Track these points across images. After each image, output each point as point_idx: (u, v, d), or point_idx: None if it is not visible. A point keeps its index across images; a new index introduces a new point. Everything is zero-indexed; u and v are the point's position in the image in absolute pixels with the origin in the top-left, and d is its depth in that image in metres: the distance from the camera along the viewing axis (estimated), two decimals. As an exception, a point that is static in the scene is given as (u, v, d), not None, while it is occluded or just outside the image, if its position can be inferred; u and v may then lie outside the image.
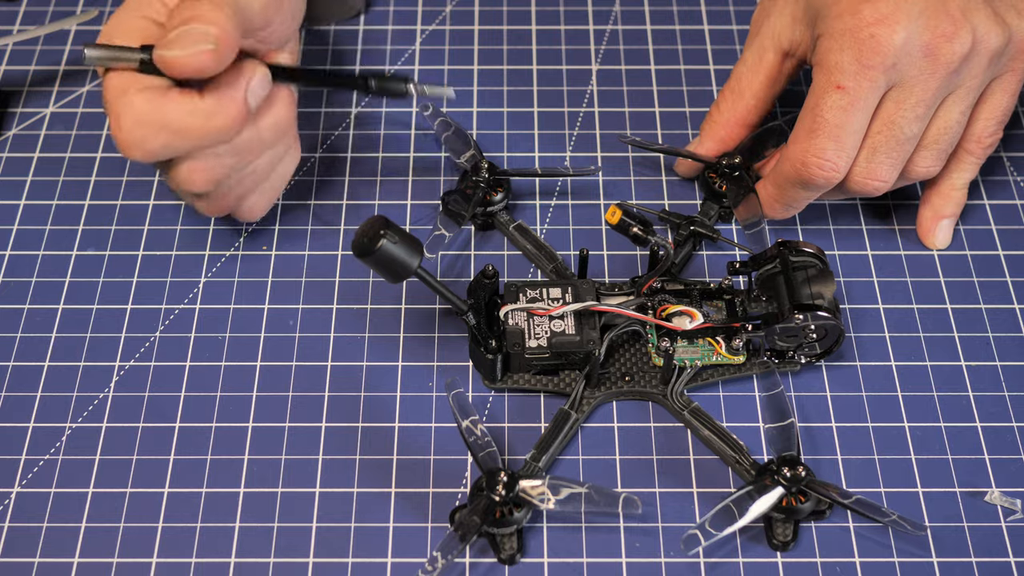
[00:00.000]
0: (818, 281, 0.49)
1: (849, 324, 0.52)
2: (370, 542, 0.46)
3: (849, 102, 0.49)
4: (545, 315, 0.49)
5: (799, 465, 0.45)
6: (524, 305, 0.50)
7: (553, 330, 0.49)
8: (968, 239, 0.56)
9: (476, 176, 0.54)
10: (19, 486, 0.48)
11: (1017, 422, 0.50)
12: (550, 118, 0.60)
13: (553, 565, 0.46)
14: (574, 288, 0.50)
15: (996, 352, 0.52)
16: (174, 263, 0.54)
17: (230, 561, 0.46)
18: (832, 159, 0.49)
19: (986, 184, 0.58)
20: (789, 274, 0.48)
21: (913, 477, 0.48)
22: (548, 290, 0.50)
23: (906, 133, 0.50)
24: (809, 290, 0.48)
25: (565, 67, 0.63)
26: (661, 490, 0.47)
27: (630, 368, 0.50)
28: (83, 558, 0.46)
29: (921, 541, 0.46)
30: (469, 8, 0.66)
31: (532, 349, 0.49)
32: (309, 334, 0.52)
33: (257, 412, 0.50)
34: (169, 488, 0.47)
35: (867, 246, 0.55)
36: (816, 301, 0.48)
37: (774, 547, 0.46)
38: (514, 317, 0.50)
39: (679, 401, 0.49)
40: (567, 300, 0.50)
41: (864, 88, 0.48)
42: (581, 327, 0.49)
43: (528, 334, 0.49)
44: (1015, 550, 0.46)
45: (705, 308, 0.50)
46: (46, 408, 0.50)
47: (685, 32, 0.65)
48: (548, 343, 0.49)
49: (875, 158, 0.50)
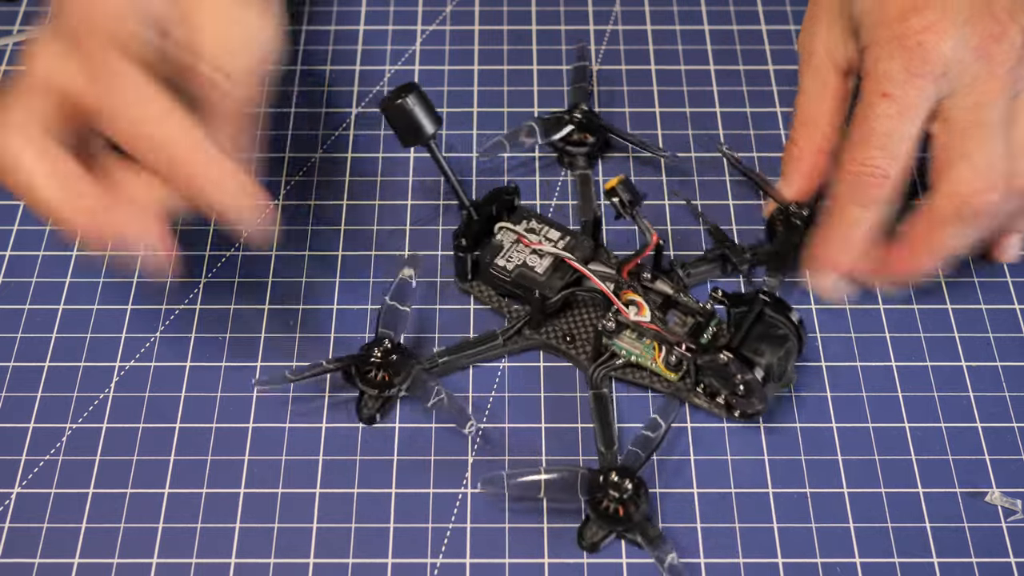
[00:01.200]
0: (772, 344, 0.47)
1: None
2: (370, 542, 0.46)
3: (897, 110, 0.48)
4: (528, 246, 0.51)
5: (629, 479, 0.45)
6: (517, 229, 0.52)
7: (527, 262, 0.51)
8: (968, 239, 0.56)
9: (578, 113, 0.57)
10: (19, 487, 0.48)
11: (1017, 422, 0.50)
12: (550, 118, 0.60)
13: (553, 565, 0.46)
14: (573, 240, 0.51)
15: (996, 352, 0.52)
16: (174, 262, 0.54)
17: (230, 562, 0.46)
18: (882, 166, 0.48)
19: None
20: (752, 322, 0.47)
21: (913, 477, 0.48)
22: (550, 229, 0.52)
23: (992, 133, 0.48)
24: (759, 345, 0.47)
25: (565, 67, 0.63)
26: (661, 490, 0.47)
27: (578, 332, 0.51)
28: (83, 559, 0.46)
29: (921, 541, 0.46)
30: (469, 8, 0.66)
31: (497, 267, 0.51)
32: (309, 334, 0.52)
33: (257, 412, 0.50)
34: (169, 489, 0.47)
35: (867, 246, 0.55)
36: (755, 357, 0.47)
37: (582, 547, 0.46)
38: (505, 235, 0.52)
39: (594, 380, 0.49)
40: (556, 245, 0.51)
41: (912, 96, 0.48)
42: (551, 273, 0.50)
43: (504, 254, 0.51)
44: (1015, 550, 0.46)
45: (671, 316, 0.50)
46: (46, 408, 0.50)
47: (685, 32, 0.65)
48: (513, 268, 0.50)
49: (974, 165, 0.48)
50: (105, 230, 0.44)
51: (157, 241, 0.44)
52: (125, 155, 0.45)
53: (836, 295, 0.52)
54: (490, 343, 0.51)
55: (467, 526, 0.47)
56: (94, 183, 0.44)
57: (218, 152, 0.44)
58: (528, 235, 0.51)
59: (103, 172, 0.45)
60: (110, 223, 0.44)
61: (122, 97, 0.43)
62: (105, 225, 0.44)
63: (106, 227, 0.44)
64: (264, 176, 0.57)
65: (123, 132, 0.44)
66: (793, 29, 0.64)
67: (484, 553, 0.46)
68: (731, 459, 0.48)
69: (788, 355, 0.48)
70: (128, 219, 0.44)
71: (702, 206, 0.56)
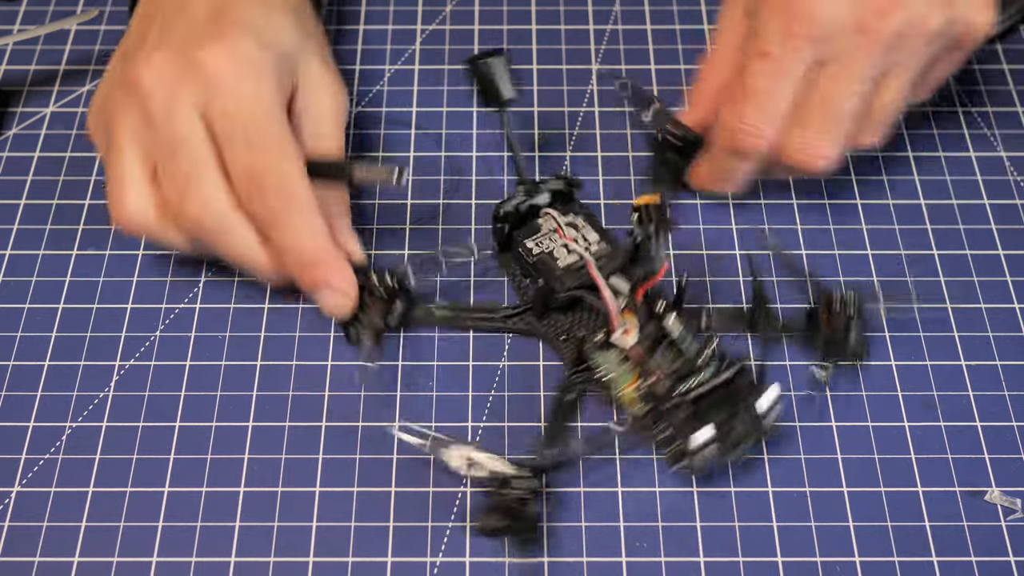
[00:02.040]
0: (725, 416, 0.46)
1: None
2: (370, 541, 0.46)
3: (773, 69, 0.49)
4: (561, 238, 0.51)
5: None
6: (559, 219, 0.52)
7: (553, 253, 0.51)
8: (968, 239, 0.56)
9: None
10: (19, 485, 0.48)
11: (1017, 422, 0.50)
12: (550, 118, 0.60)
13: (553, 565, 0.46)
14: (609, 248, 0.51)
15: (996, 352, 0.52)
16: (174, 262, 0.54)
17: (230, 560, 0.46)
18: (757, 124, 0.50)
19: (986, 184, 0.58)
20: (718, 387, 0.47)
21: (913, 477, 0.48)
22: (591, 230, 0.52)
23: (844, 109, 0.50)
24: (711, 412, 0.46)
25: (565, 67, 0.63)
26: (661, 490, 0.47)
27: (574, 333, 0.50)
28: (83, 557, 0.46)
29: (921, 540, 0.46)
30: (469, 8, 0.66)
31: (525, 247, 0.51)
32: (309, 334, 0.52)
33: (257, 412, 0.50)
34: (169, 487, 0.47)
35: (867, 246, 0.55)
36: (700, 423, 0.46)
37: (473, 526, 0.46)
38: (547, 221, 0.52)
39: (565, 383, 0.50)
40: (589, 247, 0.51)
41: (789, 56, 0.49)
42: (571, 270, 0.50)
43: (537, 237, 0.52)
44: (1015, 550, 0.46)
45: (661, 351, 0.48)
46: (46, 408, 0.50)
47: (685, 32, 0.65)
48: (538, 253, 0.51)
49: (814, 135, 0.50)
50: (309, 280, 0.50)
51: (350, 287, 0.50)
52: None
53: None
54: (489, 313, 0.51)
55: (467, 525, 0.47)
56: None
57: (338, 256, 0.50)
58: (567, 228, 0.52)
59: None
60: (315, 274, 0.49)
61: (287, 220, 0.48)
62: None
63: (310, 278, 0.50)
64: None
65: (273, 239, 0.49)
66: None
67: (484, 552, 0.46)
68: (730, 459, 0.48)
69: (738, 433, 0.46)
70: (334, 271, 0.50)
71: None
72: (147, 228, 0.49)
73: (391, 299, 0.50)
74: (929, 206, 0.57)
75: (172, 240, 0.49)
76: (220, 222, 0.48)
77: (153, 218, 0.49)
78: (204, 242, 0.49)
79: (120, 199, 0.48)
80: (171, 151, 0.48)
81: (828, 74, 0.50)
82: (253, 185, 0.47)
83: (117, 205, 0.49)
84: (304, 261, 0.49)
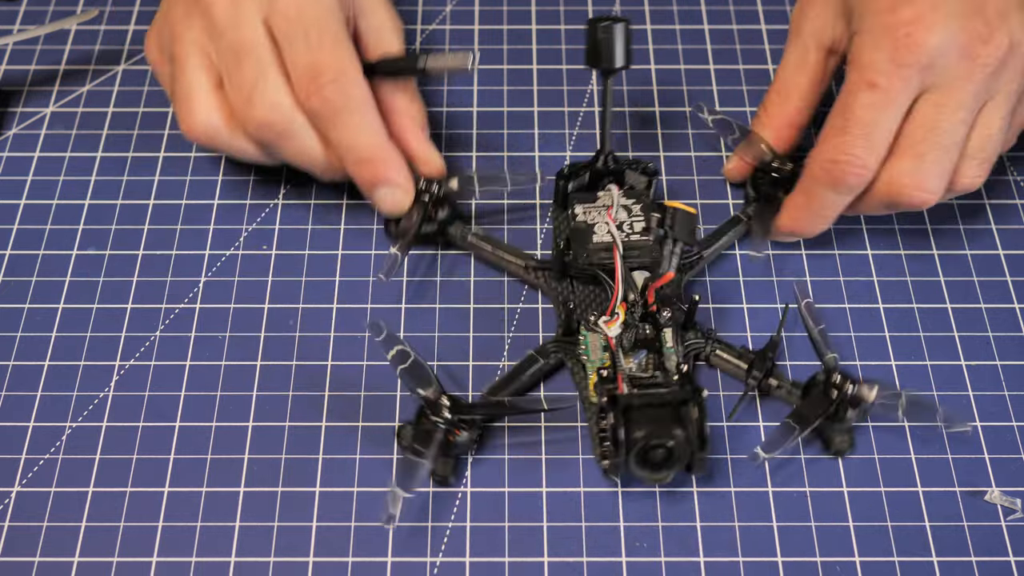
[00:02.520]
0: (657, 431, 0.44)
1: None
2: (370, 541, 0.46)
3: (881, 100, 0.48)
4: (606, 216, 0.51)
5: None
6: (616, 197, 0.52)
7: (594, 227, 0.51)
8: (968, 239, 0.56)
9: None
10: (19, 485, 0.48)
11: (1017, 422, 0.50)
12: (550, 118, 0.60)
13: (553, 564, 0.46)
14: (649, 242, 0.50)
15: (996, 352, 0.52)
16: (174, 262, 0.54)
17: (230, 560, 0.46)
18: (862, 156, 0.49)
19: (986, 184, 0.57)
20: (665, 403, 0.45)
21: (913, 477, 0.48)
22: (641, 220, 0.51)
23: (951, 138, 0.49)
24: (645, 423, 0.45)
25: (565, 67, 0.63)
26: (661, 490, 0.47)
27: (580, 306, 0.50)
28: (83, 557, 0.46)
29: (921, 540, 0.46)
30: (469, 8, 0.66)
31: (573, 212, 0.51)
32: (309, 334, 0.52)
33: (257, 412, 0.50)
34: (169, 488, 0.47)
35: (867, 246, 0.55)
36: (633, 429, 0.44)
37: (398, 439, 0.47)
38: (605, 196, 0.52)
39: (543, 347, 0.50)
40: (629, 233, 0.50)
41: (897, 87, 0.48)
42: (601, 248, 0.50)
43: (588, 207, 0.52)
44: (1015, 550, 0.46)
45: (640, 353, 0.48)
46: (46, 408, 0.50)
47: (685, 32, 0.65)
48: (579, 221, 0.51)
49: (922, 166, 0.49)
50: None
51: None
52: None
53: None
54: (514, 256, 0.53)
55: (467, 525, 0.47)
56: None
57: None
58: (619, 210, 0.51)
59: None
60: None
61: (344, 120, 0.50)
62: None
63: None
64: (264, 176, 0.57)
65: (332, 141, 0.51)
66: (793, 29, 0.64)
67: (484, 552, 0.46)
68: (730, 459, 0.48)
69: (669, 450, 0.44)
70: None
71: (701, 206, 0.56)
72: (217, 137, 0.51)
73: (435, 206, 0.52)
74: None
75: (240, 147, 0.51)
76: (286, 124, 0.50)
77: (223, 126, 0.51)
78: (271, 146, 0.51)
79: (189, 111, 0.50)
80: (236, 58, 0.49)
81: (932, 102, 0.49)
82: (312, 82, 0.49)
83: (187, 117, 0.50)
84: (361, 158, 0.51)
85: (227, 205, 0.56)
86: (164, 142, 0.59)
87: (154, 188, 0.57)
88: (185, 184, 0.57)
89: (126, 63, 0.63)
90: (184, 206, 0.56)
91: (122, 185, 0.57)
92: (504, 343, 0.52)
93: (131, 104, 0.61)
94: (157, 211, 0.56)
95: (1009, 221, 0.56)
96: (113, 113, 0.60)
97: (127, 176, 0.58)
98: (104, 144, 0.59)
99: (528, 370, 0.49)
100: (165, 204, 0.57)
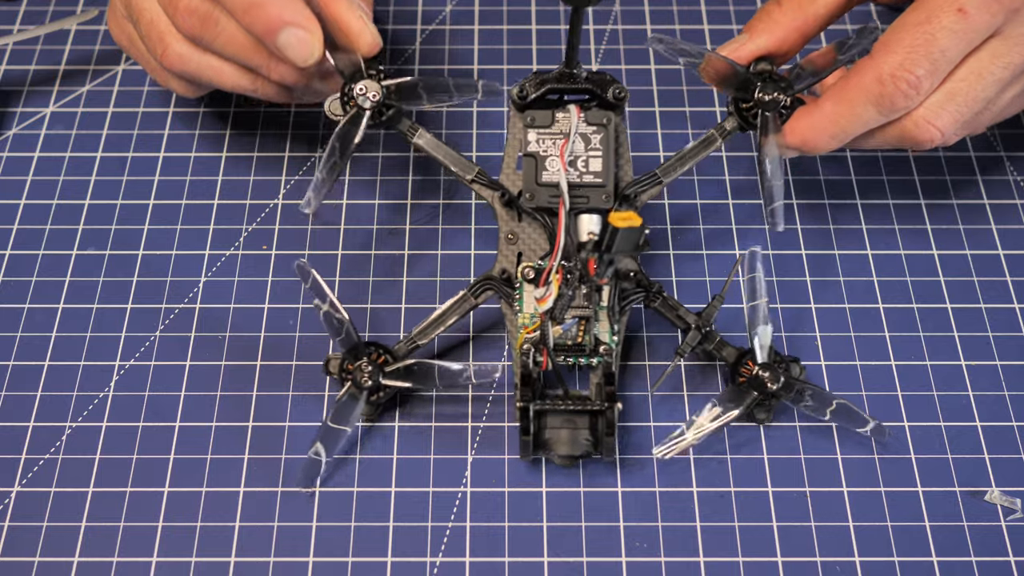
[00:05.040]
0: (561, 423, 0.47)
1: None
2: (370, 541, 0.46)
3: (963, 28, 0.46)
4: (559, 151, 0.47)
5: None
6: (576, 125, 0.47)
7: (546, 159, 0.47)
8: (968, 239, 0.56)
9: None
10: (19, 485, 0.48)
11: (1017, 421, 0.50)
12: (550, 118, 0.60)
13: (553, 564, 0.46)
14: (602, 189, 0.47)
15: (996, 352, 0.52)
16: (174, 263, 0.54)
17: (230, 560, 0.46)
18: (923, 80, 0.47)
19: (986, 184, 0.58)
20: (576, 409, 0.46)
21: (913, 477, 0.48)
22: (598, 159, 0.47)
23: (987, 92, 0.48)
24: (552, 421, 0.47)
25: (565, 67, 0.63)
26: (661, 490, 0.48)
27: (523, 241, 0.49)
28: (83, 557, 0.46)
29: (921, 540, 0.46)
30: (469, 8, 0.66)
31: (530, 135, 0.47)
32: (309, 334, 0.52)
33: (257, 412, 0.50)
34: (169, 488, 0.47)
35: (867, 246, 0.55)
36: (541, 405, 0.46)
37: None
38: (565, 121, 0.48)
39: (474, 288, 0.49)
40: (581, 175, 0.47)
41: (983, 20, 0.46)
42: (547, 186, 0.47)
43: (541, 134, 0.47)
44: (1015, 550, 0.46)
45: (573, 319, 0.47)
46: (46, 408, 0.50)
47: (685, 32, 0.65)
48: (532, 150, 0.47)
49: (948, 105, 0.48)
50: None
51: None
52: None
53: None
54: (463, 167, 0.49)
55: (467, 525, 0.47)
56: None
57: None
58: (575, 142, 0.47)
59: None
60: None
61: None
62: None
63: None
64: (263, 176, 0.57)
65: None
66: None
67: (484, 552, 0.46)
68: (730, 458, 0.48)
69: (570, 435, 0.46)
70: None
71: (701, 206, 0.56)
72: (190, 59, 0.52)
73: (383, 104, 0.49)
74: (929, 206, 0.57)
75: (208, 63, 0.51)
76: (207, 9, 0.49)
77: (193, 52, 0.51)
78: (204, 40, 0.50)
79: (163, 44, 0.51)
80: None
81: (991, 51, 0.47)
82: None
83: (164, 51, 0.52)
84: (251, 3, 0.48)
85: (227, 205, 0.56)
86: (164, 142, 0.59)
87: (154, 188, 0.57)
88: (185, 184, 0.57)
89: (126, 63, 0.63)
90: (184, 206, 0.56)
91: (122, 185, 0.57)
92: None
93: (131, 104, 0.61)
94: (157, 211, 0.56)
95: (1009, 221, 0.56)
96: (113, 113, 0.60)
97: (127, 176, 0.58)
98: (104, 144, 0.59)
99: (455, 313, 0.49)
100: (165, 204, 0.57)
